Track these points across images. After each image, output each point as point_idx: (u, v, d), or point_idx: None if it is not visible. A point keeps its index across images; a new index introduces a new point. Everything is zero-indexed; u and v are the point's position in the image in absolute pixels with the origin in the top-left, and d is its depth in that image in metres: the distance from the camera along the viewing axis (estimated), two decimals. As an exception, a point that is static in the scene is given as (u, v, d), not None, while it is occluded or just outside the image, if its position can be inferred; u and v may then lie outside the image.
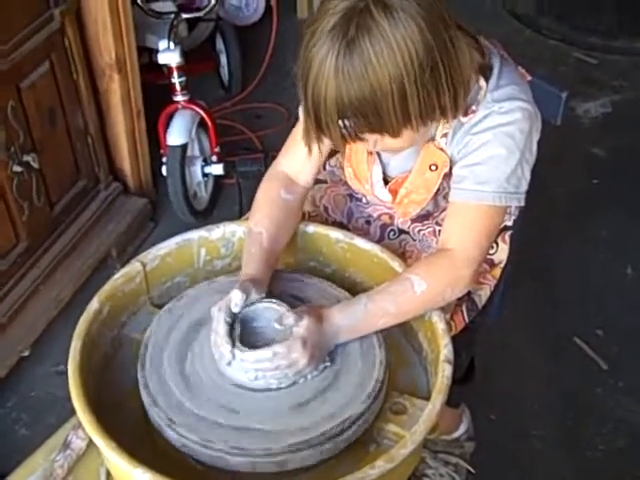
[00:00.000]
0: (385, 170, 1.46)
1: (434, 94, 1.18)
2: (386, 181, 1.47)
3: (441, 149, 1.35)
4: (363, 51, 1.12)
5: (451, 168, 1.36)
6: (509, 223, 1.53)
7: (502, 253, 1.54)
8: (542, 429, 2.06)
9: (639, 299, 2.42)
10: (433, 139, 1.36)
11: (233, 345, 1.21)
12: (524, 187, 1.32)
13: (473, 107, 1.30)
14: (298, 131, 1.47)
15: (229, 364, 1.21)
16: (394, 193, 1.46)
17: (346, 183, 1.59)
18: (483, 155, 1.29)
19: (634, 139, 3.02)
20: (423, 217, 1.50)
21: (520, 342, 2.27)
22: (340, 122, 1.18)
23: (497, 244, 1.53)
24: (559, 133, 1.75)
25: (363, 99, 1.14)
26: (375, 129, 1.19)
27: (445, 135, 1.34)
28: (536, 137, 1.33)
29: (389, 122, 1.17)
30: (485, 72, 1.29)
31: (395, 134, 1.21)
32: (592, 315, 2.36)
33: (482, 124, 1.29)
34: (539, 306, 2.39)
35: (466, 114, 1.30)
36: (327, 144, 1.44)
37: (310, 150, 1.32)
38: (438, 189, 1.40)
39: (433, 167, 1.37)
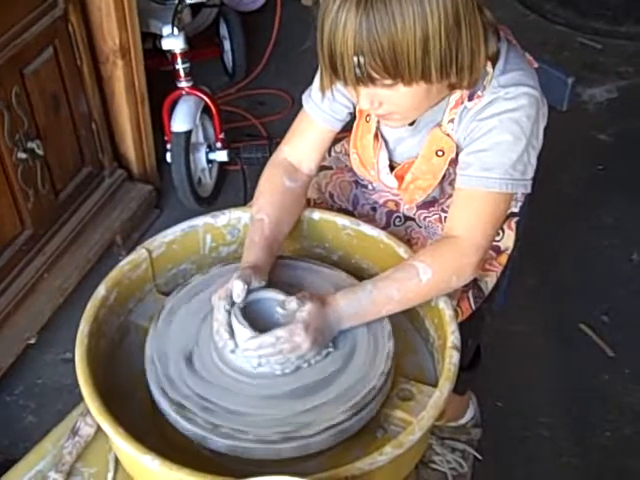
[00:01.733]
0: (391, 156, 1.46)
1: (454, 48, 1.16)
2: (392, 167, 1.46)
3: (448, 135, 1.35)
4: None
5: (457, 154, 1.35)
6: (515, 210, 1.53)
7: (508, 240, 1.53)
8: (549, 416, 2.06)
9: (645, 285, 2.42)
10: (440, 124, 1.35)
11: (233, 334, 1.20)
12: (530, 174, 1.31)
13: (479, 92, 1.29)
14: (301, 118, 1.47)
15: (233, 352, 1.21)
16: (400, 179, 1.45)
17: (352, 169, 1.58)
18: (489, 141, 1.28)
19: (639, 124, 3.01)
20: (429, 204, 1.50)
21: (526, 329, 2.27)
22: (355, 58, 1.15)
23: (503, 231, 1.52)
24: (564, 119, 1.74)
25: (383, 35, 1.12)
26: (389, 71, 1.16)
27: (452, 121, 1.33)
28: (542, 123, 1.33)
29: (406, 65, 1.15)
30: (493, 57, 1.28)
31: (409, 81, 1.18)
32: (598, 302, 2.35)
33: (488, 110, 1.28)
34: (545, 293, 2.38)
35: (472, 99, 1.30)
36: (332, 125, 1.44)
37: (324, 94, 1.30)
38: (444, 175, 1.39)
39: (440, 153, 1.36)
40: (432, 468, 1.83)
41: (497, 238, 1.52)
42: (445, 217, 1.48)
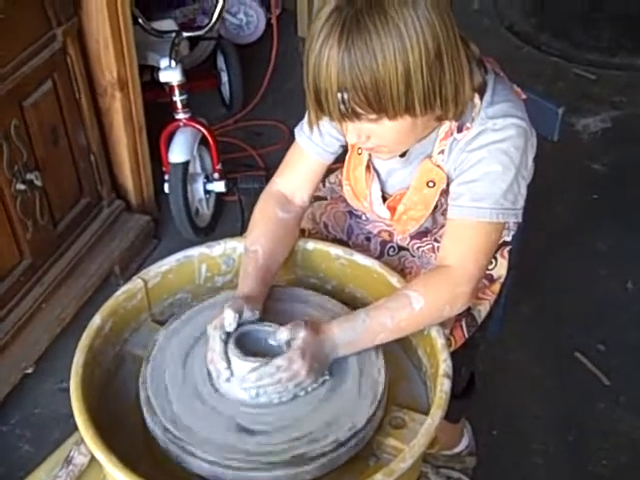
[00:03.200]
0: (384, 188, 1.47)
1: (437, 82, 1.18)
2: (384, 199, 1.48)
3: (438, 166, 1.36)
4: (370, 28, 1.13)
5: (448, 185, 1.37)
6: (508, 239, 1.54)
7: (501, 268, 1.55)
8: (544, 444, 2.06)
9: (640, 313, 2.43)
10: (430, 156, 1.37)
11: (229, 363, 1.22)
12: (521, 203, 1.33)
13: (467, 124, 1.31)
14: (294, 151, 1.50)
15: (228, 380, 1.22)
16: (392, 210, 1.47)
17: (346, 200, 1.60)
18: (479, 172, 1.30)
19: (633, 154, 3.03)
20: (422, 234, 1.51)
21: (521, 357, 2.28)
22: (339, 95, 1.17)
23: (496, 259, 1.54)
24: (558, 148, 1.76)
25: (365, 71, 1.14)
26: (373, 106, 1.18)
27: (442, 152, 1.35)
28: (531, 154, 1.34)
29: (389, 101, 1.17)
30: (480, 89, 1.30)
31: (393, 116, 1.20)
32: (593, 330, 2.36)
33: (476, 141, 1.30)
34: (540, 321, 2.39)
35: (460, 131, 1.32)
36: (324, 158, 1.47)
37: (311, 129, 1.34)
38: (436, 206, 1.41)
39: (430, 184, 1.38)
40: (427, 496, 1.84)
41: (490, 267, 1.54)
42: (438, 247, 1.49)
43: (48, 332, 2.21)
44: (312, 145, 1.46)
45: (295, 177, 1.49)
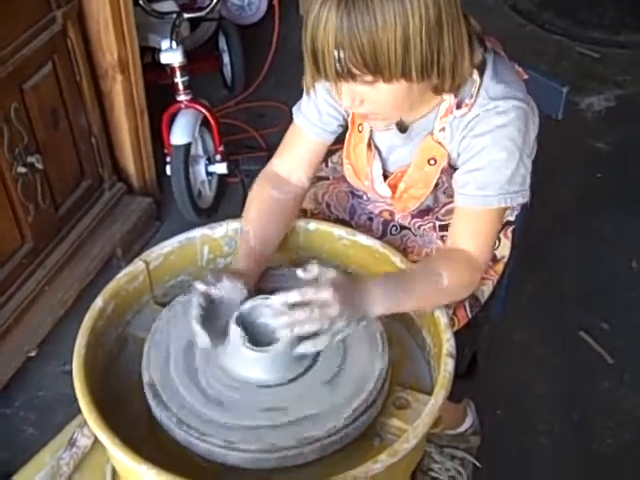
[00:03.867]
0: (384, 166, 1.46)
1: (435, 49, 1.18)
2: (385, 177, 1.47)
3: (439, 143, 1.36)
4: None
5: (449, 163, 1.36)
6: (511, 218, 1.53)
7: (504, 248, 1.54)
8: (548, 424, 2.06)
9: (644, 293, 2.42)
10: (431, 133, 1.36)
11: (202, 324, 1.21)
12: (527, 182, 1.33)
13: (467, 100, 1.30)
14: (292, 131, 1.49)
15: (207, 345, 1.21)
16: (393, 188, 1.46)
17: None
18: (484, 160, 1.29)
19: (637, 133, 3.01)
20: (423, 213, 1.51)
21: (525, 337, 2.27)
22: (335, 53, 1.16)
23: (499, 239, 1.53)
24: (563, 128, 1.76)
25: (363, 32, 1.13)
26: (369, 67, 1.17)
27: (443, 129, 1.34)
28: (533, 132, 1.35)
29: (386, 63, 1.16)
30: (480, 66, 1.29)
31: (389, 79, 1.19)
32: (597, 309, 2.35)
33: (479, 126, 1.29)
34: (544, 301, 2.38)
35: (460, 107, 1.31)
36: (323, 137, 1.46)
37: (308, 92, 1.33)
38: (437, 184, 1.40)
39: (432, 161, 1.37)
40: (431, 476, 1.83)
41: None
42: (439, 225, 1.49)
43: (51, 315, 2.21)
44: (310, 125, 1.45)
45: (292, 158, 1.49)
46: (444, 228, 1.48)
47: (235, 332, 1.21)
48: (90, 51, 2.36)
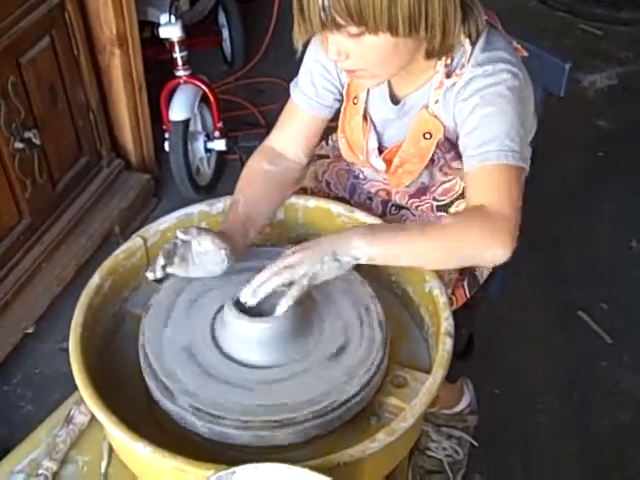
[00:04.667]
0: (380, 141, 1.45)
1: (424, 2, 1.16)
2: (381, 152, 1.46)
3: (435, 116, 1.34)
4: None
5: (445, 136, 1.34)
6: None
7: None
8: (546, 403, 2.06)
9: (644, 273, 2.42)
10: (426, 106, 1.34)
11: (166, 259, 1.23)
12: (527, 152, 1.28)
13: (457, 70, 1.29)
14: (289, 107, 1.49)
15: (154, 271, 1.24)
16: (388, 163, 1.44)
17: (347, 157, 1.58)
18: (476, 119, 1.26)
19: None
20: (420, 192, 1.48)
21: (524, 316, 2.27)
22: (320, 0, 1.15)
23: None
24: (564, 105, 1.74)
25: None
26: (353, 17, 1.15)
27: (437, 102, 1.33)
28: (530, 104, 1.31)
29: (371, 13, 1.14)
30: (473, 35, 1.27)
31: (374, 30, 1.17)
32: (596, 289, 2.35)
33: (468, 89, 1.27)
34: (543, 280, 2.38)
35: (450, 76, 1.29)
36: (319, 112, 1.46)
37: (298, 44, 1.30)
38: (433, 160, 1.38)
39: (427, 135, 1.35)
40: (428, 455, 1.84)
41: None
42: (437, 206, 1.47)
43: (48, 292, 2.21)
44: (305, 99, 1.45)
45: (288, 132, 1.48)
46: (441, 208, 1.47)
47: (230, 313, 1.20)
48: (88, 25, 2.33)
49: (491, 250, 1.19)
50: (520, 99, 1.26)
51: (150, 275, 1.25)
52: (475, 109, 1.26)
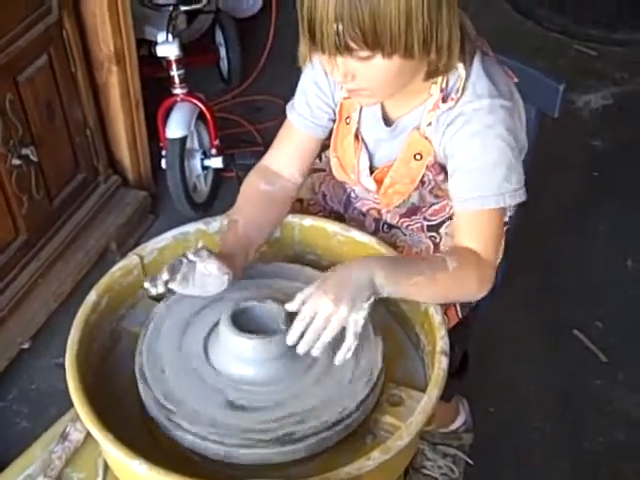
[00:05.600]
0: (371, 161, 1.46)
1: (435, 22, 1.17)
2: (372, 171, 1.46)
3: (426, 138, 1.35)
4: None
5: (435, 159, 1.35)
6: (505, 219, 1.52)
7: None
8: (541, 421, 2.06)
9: (639, 292, 2.42)
10: (418, 128, 1.35)
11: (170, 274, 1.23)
12: (522, 180, 1.31)
13: (453, 95, 1.29)
14: (284, 127, 1.50)
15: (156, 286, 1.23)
16: (379, 183, 1.45)
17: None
18: (476, 162, 1.28)
19: (634, 131, 3.01)
20: (411, 212, 1.49)
21: (519, 334, 2.27)
22: (334, 26, 1.14)
23: None
24: (559, 125, 1.75)
25: (365, 4, 1.11)
26: (368, 42, 1.15)
27: (430, 124, 1.34)
28: (521, 129, 1.33)
29: (387, 38, 1.15)
30: (465, 58, 1.29)
31: (389, 54, 1.18)
32: (591, 307, 2.35)
33: (468, 128, 1.28)
34: (538, 298, 2.39)
35: (445, 101, 1.30)
36: (314, 132, 1.47)
37: (303, 63, 1.31)
38: (424, 182, 1.39)
39: (418, 156, 1.36)
40: (423, 473, 1.84)
41: None
42: (427, 226, 1.49)
43: (45, 308, 2.21)
44: (301, 119, 1.46)
45: (284, 152, 1.50)
46: (432, 228, 1.48)
47: (228, 330, 1.21)
48: (86, 43, 2.35)
49: (479, 294, 1.33)
50: (516, 138, 1.29)
51: (151, 289, 1.25)
52: (475, 152, 1.28)
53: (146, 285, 1.25)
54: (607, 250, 2.55)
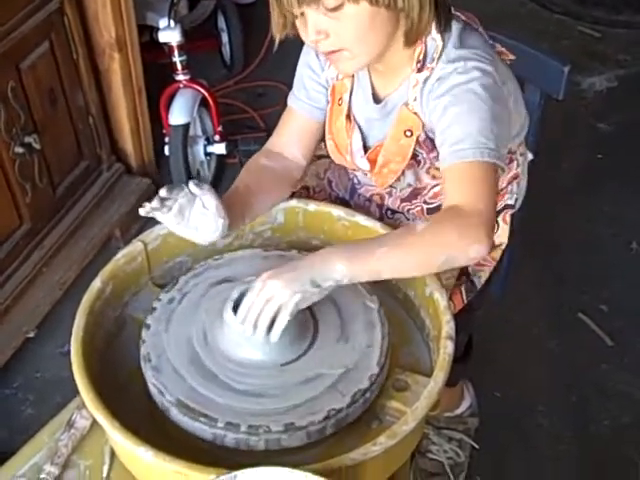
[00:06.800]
0: (365, 141, 1.46)
1: None
2: (366, 152, 1.46)
3: (415, 113, 1.34)
4: None
5: (427, 135, 1.35)
6: (510, 202, 1.51)
7: (503, 234, 1.51)
8: (547, 405, 2.06)
9: (644, 275, 2.42)
10: (407, 103, 1.35)
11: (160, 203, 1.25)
12: (503, 150, 1.27)
13: (428, 64, 1.30)
14: (285, 113, 1.52)
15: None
16: (373, 163, 1.44)
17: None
18: (449, 117, 1.26)
19: (639, 113, 3.00)
20: (412, 196, 1.48)
21: (525, 318, 2.27)
22: None
23: (498, 224, 1.51)
24: (563, 108, 1.75)
25: None
26: None
27: (415, 99, 1.33)
28: (506, 102, 1.30)
29: None
30: (442, 26, 1.29)
31: None
32: (597, 291, 2.35)
33: (440, 87, 1.28)
34: (543, 282, 2.38)
35: (421, 70, 1.31)
36: (312, 115, 1.48)
37: (278, 33, 1.33)
38: (419, 161, 1.39)
39: (408, 133, 1.36)
40: (429, 457, 1.84)
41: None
42: (427, 209, 1.48)
43: (49, 296, 2.21)
44: (299, 103, 1.48)
45: (284, 134, 1.51)
46: (432, 211, 1.47)
47: (230, 317, 1.21)
48: (87, 29, 2.34)
49: (470, 247, 1.19)
50: (494, 97, 1.25)
51: (146, 204, 1.24)
52: (447, 108, 1.26)
53: (141, 210, 1.25)
54: (612, 233, 2.54)
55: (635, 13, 3.53)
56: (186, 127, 2.54)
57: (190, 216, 1.27)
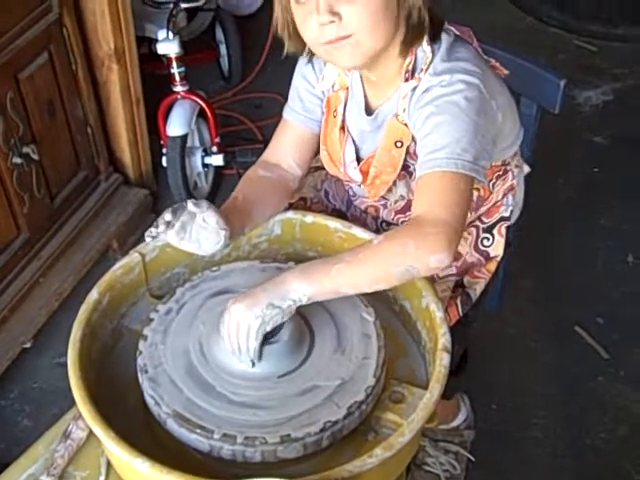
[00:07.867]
0: (358, 153, 1.47)
1: None
2: (359, 162, 1.47)
3: (405, 124, 1.35)
4: None
5: (416, 145, 1.34)
6: (505, 214, 1.52)
7: (498, 246, 1.52)
8: (543, 418, 2.06)
9: (640, 287, 2.42)
10: (397, 115, 1.36)
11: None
12: (483, 162, 1.25)
13: (416, 74, 1.31)
14: (280, 125, 1.54)
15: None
16: (365, 174, 1.46)
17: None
18: (429, 126, 1.26)
19: (635, 127, 3.01)
20: (406, 208, 1.49)
21: (521, 331, 2.27)
22: None
23: (493, 237, 1.52)
24: (560, 121, 1.75)
25: None
26: None
27: (405, 110, 1.34)
28: (493, 117, 1.30)
29: None
30: (431, 37, 1.31)
31: None
32: (593, 303, 2.35)
33: (424, 97, 1.29)
34: (539, 295, 2.38)
35: (408, 80, 1.32)
36: (307, 126, 1.50)
37: (280, 30, 1.37)
38: (411, 172, 1.39)
39: (399, 144, 1.37)
40: (425, 470, 1.84)
41: (486, 244, 1.52)
42: None
43: (46, 306, 2.21)
44: (294, 114, 1.50)
45: (280, 146, 1.53)
46: None
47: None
48: (86, 41, 2.35)
49: (428, 257, 1.17)
50: (478, 110, 1.25)
51: (152, 229, 1.27)
52: (429, 117, 1.27)
53: (146, 233, 1.27)
54: (608, 246, 2.54)
55: (631, 26, 3.54)
56: (184, 138, 2.55)
57: (192, 231, 1.28)
